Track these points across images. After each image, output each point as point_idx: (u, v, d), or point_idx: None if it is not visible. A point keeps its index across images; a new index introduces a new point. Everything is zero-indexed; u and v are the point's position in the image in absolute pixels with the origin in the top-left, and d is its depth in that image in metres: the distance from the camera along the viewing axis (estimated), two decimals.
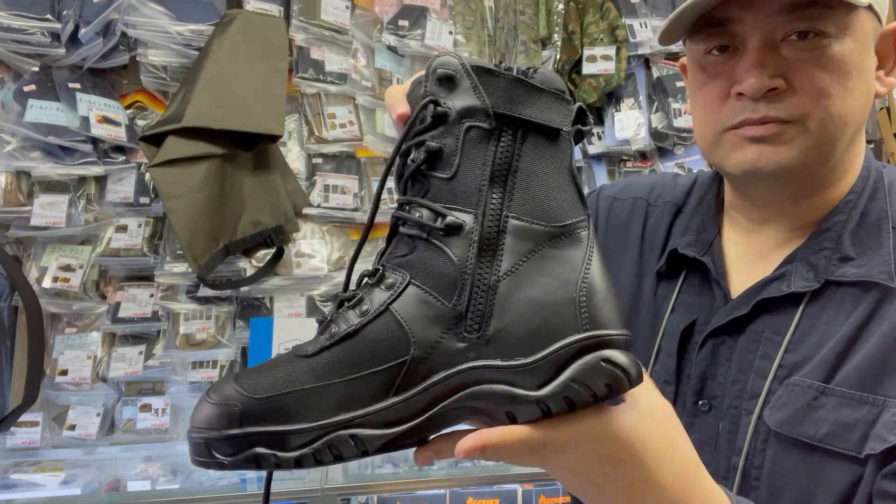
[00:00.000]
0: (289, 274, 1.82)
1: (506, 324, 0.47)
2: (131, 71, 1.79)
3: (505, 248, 0.48)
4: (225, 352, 1.79)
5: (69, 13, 1.63)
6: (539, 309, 0.47)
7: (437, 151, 0.48)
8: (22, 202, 1.68)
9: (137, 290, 1.77)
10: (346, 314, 0.48)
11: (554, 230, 0.49)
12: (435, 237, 0.48)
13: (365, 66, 1.91)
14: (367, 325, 0.47)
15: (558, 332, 0.47)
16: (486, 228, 0.48)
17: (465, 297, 0.47)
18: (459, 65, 0.49)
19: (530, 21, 1.99)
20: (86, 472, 1.67)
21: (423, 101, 0.49)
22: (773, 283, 0.71)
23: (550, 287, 0.48)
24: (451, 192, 0.48)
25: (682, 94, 2.06)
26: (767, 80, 0.66)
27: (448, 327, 0.47)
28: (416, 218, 0.48)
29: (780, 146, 0.67)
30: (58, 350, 1.72)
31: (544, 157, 0.50)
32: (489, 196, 0.48)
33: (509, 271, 0.48)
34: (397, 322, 0.47)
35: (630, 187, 0.92)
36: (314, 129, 1.87)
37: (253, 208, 1.72)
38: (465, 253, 0.47)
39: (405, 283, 0.48)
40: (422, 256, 0.48)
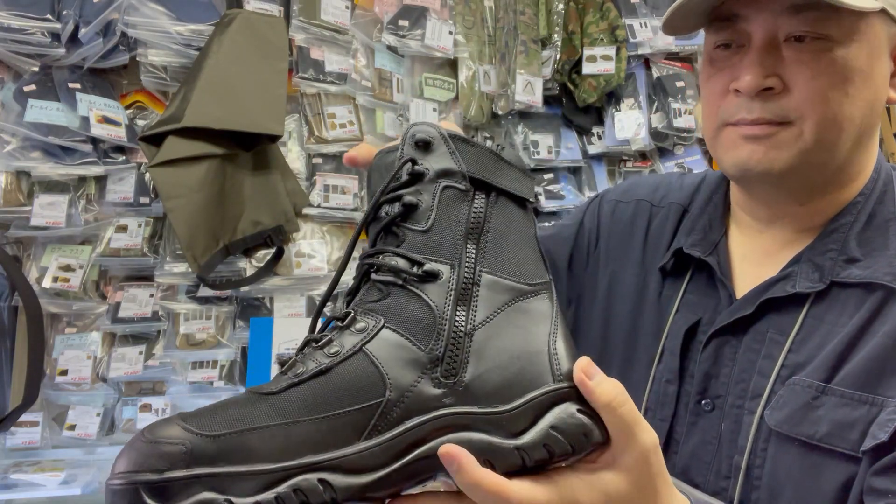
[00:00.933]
0: (289, 274, 1.82)
1: (482, 371, 0.47)
2: (131, 71, 1.79)
3: (479, 299, 0.49)
4: (225, 352, 1.79)
5: (69, 13, 1.63)
6: (514, 358, 0.48)
7: (412, 206, 0.50)
8: (22, 202, 1.68)
9: (137, 290, 1.77)
10: (313, 354, 0.47)
11: (524, 287, 0.50)
12: (411, 284, 0.48)
13: (365, 66, 1.91)
14: (341, 363, 0.46)
15: (534, 380, 0.47)
16: (461, 279, 0.49)
17: (443, 342, 0.47)
18: (437, 133, 0.51)
19: (530, 21, 1.99)
20: (86, 472, 1.67)
21: (403, 160, 0.51)
22: (779, 283, 0.71)
23: (525, 336, 0.49)
24: (427, 245, 0.49)
25: (681, 94, 2.06)
26: (762, 80, 0.66)
27: (424, 371, 0.46)
28: (392, 264, 0.49)
29: (772, 148, 0.67)
30: (58, 350, 1.72)
31: (513, 222, 0.52)
32: (463, 250, 0.49)
33: (485, 321, 0.48)
34: (372, 363, 0.46)
35: (633, 189, 0.92)
36: (314, 129, 1.87)
37: (253, 208, 1.72)
38: (443, 300, 0.48)
39: (379, 326, 0.47)
40: (397, 302, 0.48)
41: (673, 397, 0.75)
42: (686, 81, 2.09)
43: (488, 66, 1.98)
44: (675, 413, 0.75)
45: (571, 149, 2.04)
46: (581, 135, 2.09)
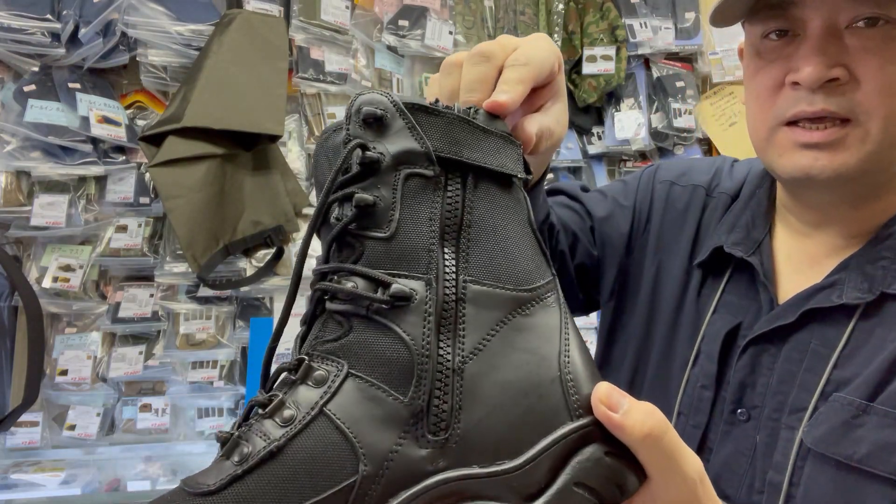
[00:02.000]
0: (289, 274, 1.82)
1: (480, 418, 0.36)
2: (131, 71, 1.79)
3: (466, 320, 0.38)
4: (225, 352, 1.79)
5: (69, 13, 1.63)
6: (519, 394, 0.37)
7: (369, 206, 0.38)
8: (22, 202, 1.68)
9: (137, 290, 1.77)
10: (260, 426, 0.36)
11: (522, 295, 0.40)
12: (378, 313, 0.37)
13: (365, 66, 1.91)
14: (296, 437, 0.35)
15: (547, 422, 0.37)
16: (441, 297, 0.38)
17: (425, 387, 0.36)
18: (390, 102, 0.39)
19: (530, 21, 1.99)
20: (86, 472, 1.67)
21: (350, 146, 0.39)
22: (823, 291, 0.65)
23: (529, 365, 0.38)
24: (393, 255, 0.38)
25: (681, 94, 2.06)
26: (826, 70, 0.59)
27: (406, 429, 0.36)
28: (349, 289, 0.38)
29: (838, 152, 0.61)
30: (58, 350, 1.72)
31: (499, 209, 0.41)
32: (441, 257, 0.38)
33: (475, 349, 0.38)
34: (337, 429, 0.35)
35: (690, 173, 0.85)
36: (314, 129, 1.87)
37: (253, 208, 1.72)
38: (420, 330, 0.37)
39: (343, 375, 0.37)
40: (362, 339, 0.37)
41: (708, 403, 0.70)
42: (686, 81, 2.09)
43: None
44: (709, 420, 0.70)
45: (571, 149, 2.04)
46: (581, 135, 2.09)
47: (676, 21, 2.09)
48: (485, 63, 0.46)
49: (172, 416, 1.79)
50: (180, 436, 1.81)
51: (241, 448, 0.35)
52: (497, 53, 0.46)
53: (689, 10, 2.10)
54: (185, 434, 1.81)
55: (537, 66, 0.48)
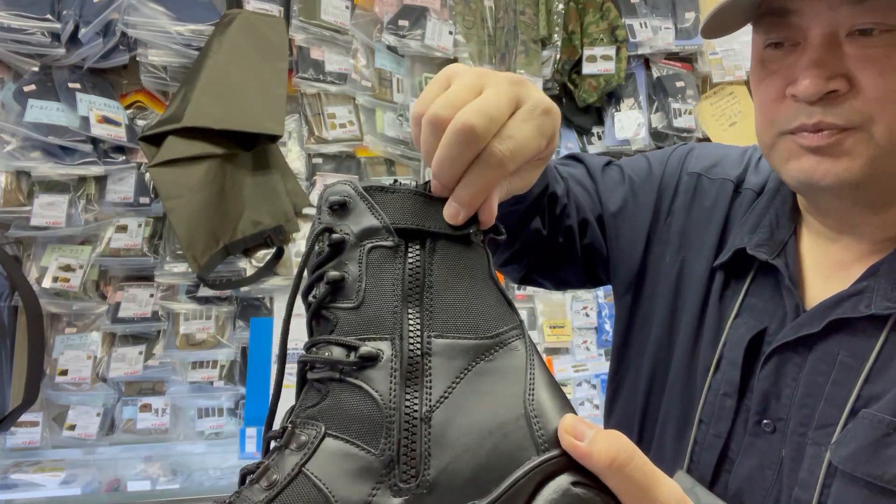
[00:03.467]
0: (289, 274, 1.82)
1: (449, 461, 0.38)
2: (131, 71, 1.79)
3: (433, 371, 0.40)
4: (225, 352, 1.79)
5: (69, 13, 1.63)
6: (484, 434, 0.39)
7: (339, 281, 0.42)
8: (22, 202, 1.68)
9: (137, 290, 1.77)
10: (249, 492, 0.39)
11: (485, 342, 0.42)
12: (349, 374, 0.40)
13: (365, 66, 1.91)
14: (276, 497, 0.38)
15: (514, 458, 0.38)
16: (406, 353, 0.40)
17: (395, 438, 0.38)
18: (352, 189, 0.44)
19: (530, 21, 1.99)
20: (86, 472, 1.67)
21: (316, 231, 0.44)
22: (851, 299, 0.62)
23: (494, 404, 0.40)
24: (361, 322, 0.42)
25: (681, 94, 2.06)
26: (824, 83, 0.58)
27: (379, 480, 0.38)
28: (323, 357, 0.41)
29: (840, 157, 0.59)
30: (58, 350, 1.72)
31: (459, 267, 0.44)
32: (404, 318, 0.41)
33: (441, 398, 0.40)
34: (315, 487, 0.37)
35: (721, 164, 0.81)
36: (314, 129, 1.87)
37: (253, 208, 1.72)
38: (387, 385, 0.40)
39: (320, 437, 0.39)
40: (336, 400, 0.40)
41: (731, 412, 0.68)
42: (686, 81, 2.09)
43: (488, 66, 1.98)
44: (731, 429, 0.68)
45: (571, 149, 2.04)
46: (581, 135, 2.09)
47: (676, 21, 2.09)
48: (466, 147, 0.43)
49: (172, 416, 1.79)
50: (180, 436, 1.81)
51: None
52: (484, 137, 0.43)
53: (689, 10, 2.10)
54: (185, 434, 1.81)
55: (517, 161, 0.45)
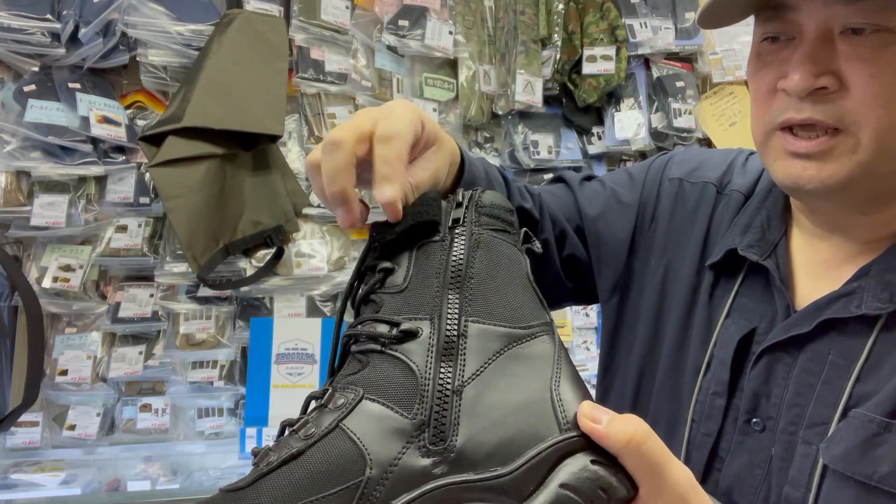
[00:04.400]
0: (289, 274, 1.82)
1: (476, 432, 0.41)
2: (131, 71, 1.79)
3: (467, 351, 0.44)
4: (225, 352, 1.79)
5: (69, 13, 1.63)
6: (512, 411, 0.42)
7: (389, 270, 0.48)
8: (22, 202, 1.68)
9: (137, 290, 1.77)
10: (287, 441, 0.43)
11: (518, 331, 0.45)
12: (390, 347, 0.44)
13: (365, 66, 1.91)
14: (313, 445, 0.41)
15: (537, 435, 0.41)
16: (443, 332, 0.44)
17: (427, 405, 0.42)
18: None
19: (530, 21, 1.99)
20: (86, 472, 1.67)
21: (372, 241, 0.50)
22: (842, 300, 0.63)
23: (523, 386, 0.43)
24: (405, 304, 0.46)
25: (681, 94, 2.06)
26: (813, 80, 0.58)
27: (409, 440, 0.41)
28: (369, 331, 0.45)
29: (826, 163, 0.60)
30: (58, 350, 1.72)
31: (499, 265, 0.48)
32: (444, 302, 0.45)
33: (474, 374, 0.43)
34: (349, 439, 0.41)
35: (702, 168, 0.82)
36: (314, 129, 1.87)
37: (253, 208, 1.72)
38: (424, 358, 0.43)
39: (358, 399, 0.43)
40: (376, 369, 0.44)
41: (720, 411, 0.68)
42: (686, 81, 2.09)
43: (488, 66, 1.98)
44: (721, 428, 0.68)
45: (571, 149, 2.04)
46: (581, 135, 2.09)
47: (676, 21, 2.09)
48: (336, 151, 0.48)
49: (172, 416, 1.79)
50: (180, 436, 1.81)
51: (268, 456, 0.42)
52: (347, 139, 0.49)
53: (689, 10, 2.10)
54: (185, 434, 1.81)
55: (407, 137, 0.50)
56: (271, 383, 1.73)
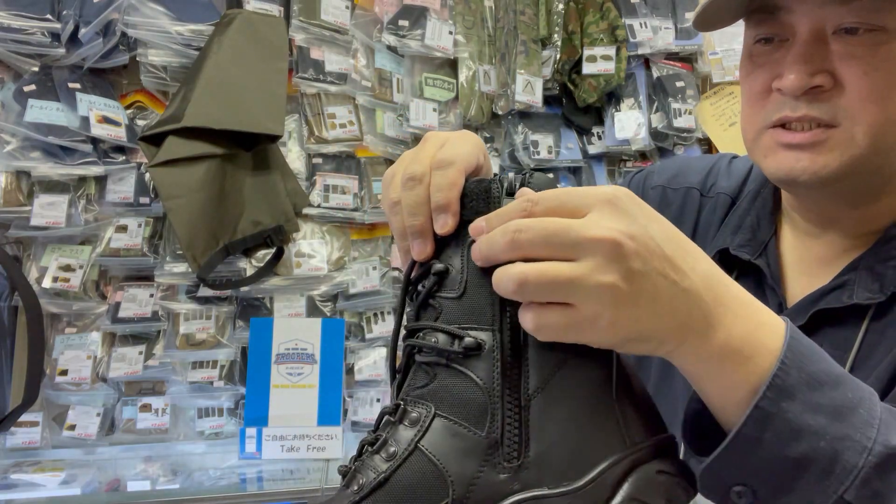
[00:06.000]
0: (289, 274, 1.82)
1: (546, 446, 0.43)
2: (131, 71, 1.79)
3: (530, 362, 0.44)
4: (225, 352, 1.79)
5: (69, 13, 1.63)
6: (579, 425, 0.44)
7: (443, 273, 0.47)
8: (22, 202, 1.68)
9: (137, 290, 1.77)
10: (371, 460, 0.44)
11: None
12: (455, 361, 0.45)
13: (365, 66, 1.91)
14: (398, 469, 0.43)
15: (604, 449, 0.43)
16: (506, 344, 0.45)
17: (499, 423, 0.43)
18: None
19: (530, 21, 1.99)
20: (86, 472, 1.67)
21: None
22: (833, 292, 0.64)
23: (586, 399, 0.44)
24: (464, 311, 0.46)
25: (681, 94, 2.06)
26: (808, 79, 0.60)
27: (485, 458, 0.43)
28: (431, 343, 0.46)
29: (820, 154, 0.61)
30: (58, 350, 1.72)
31: None
32: (504, 310, 0.45)
33: (539, 387, 0.44)
34: (430, 461, 0.43)
35: (683, 173, 0.84)
36: (314, 129, 1.87)
37: (253, 208, 1.72)
38: (490, 374, 0.44)
39: (431, 416, 0.44)
40: (444, 384, 0.45)
41: None
42: (686, 81, 2.09)
43: (488, 66, 1.98)
44: None
45: (571, 149, 2.04)
46: (581, 135, 2.09)
47: (676, 21, 2.09)
48: (417, 186, 0.49)
49: (172, 416, 1.79)
50: (180, 436, 1.81)
51: (357, 479, 0.44)
52: (425, 173, 0.49)
53: (689, 10, 2.10)
54: (185, 434, 1.81)
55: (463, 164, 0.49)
56: (271, 383, 1.73)
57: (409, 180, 0.49)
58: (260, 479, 1.64)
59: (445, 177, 0.48)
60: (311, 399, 1.73)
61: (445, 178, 0.48)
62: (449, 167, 0.48)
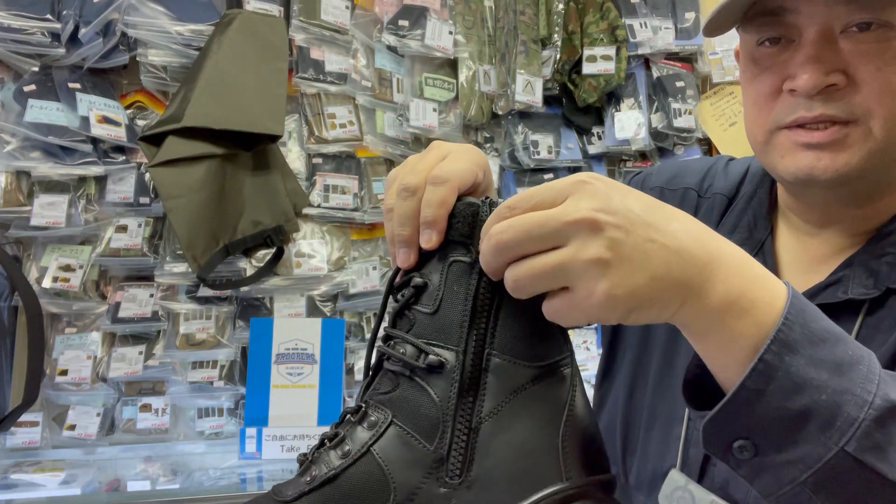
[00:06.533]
0: (289, 274, 1.82)
1: (488, 469, 0.45)
2: (131, 71, 1.79)
3: (487, 387, 0.46)
4: (225, 352, 1.79)
5: (69, 13, 1.63)
6: (521, 455, 0.45)
7: (422, 286, 0.48)
8: (22, 202, 1.68)
9: (137, 290, 1.77)
10: (327, 454, 0.47)
11: (537, 370, 0.47)
12: (417, 375, 0.47)
13: (365, 66, 1.91)
14: (348, 468, 0.45)
15: (540, 480, 0.45)
16: (467, 367, 0.46)
17: (447, 440, 0.45)
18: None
19: (530, 21, 1.99)
20: (86, 472, 1.67)
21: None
22: (829, 288, 0.65)
23: (532, 431, 0.46)
24: (434, 328, 0.47)
25: (681, 94, 2.06)
26: (823, 77, 0.60)
27: (429, 471, 0.45)
28: (399, 354, 0.47)
29: (840, 152, 0.61)
30: (58, 350, 1.72)
31: (528, 298, 0.48)
32: (471, 332, 0.47)
33: (492, 412, 0.46)
34: (378, 465, 0.45)
35: (680, 175, 0.85)
36: (314, 129, 1.87)
37: (253, 208, 1.72)
38: (447, 393, 0.46)
39: (387, 423, 0.46)
40: (404, 395, 0.47)
41: None
42: (686, 81, 2.09)
43: (488, 66, 1.98)
44: None
45: (571, 149, 2.04)
46: (581, 135, 2.09)
47: (676, 21, 2.09)
48: (410, 198, 0.49)
49: (172, 416, 1.79)
50: (180, 436, 1.81)
51: (311, 470, 0.46)
52: (420, 187, 0.50)
53: (689, 10, 2.10)
54: (185, 434, 1.81)
55: (457, 182, 0.49)
56: (271, 383, 1.73)
57: (404, 190, 0.50)
58: (260, 479, 1.64)
59: (436, 193, 0.48)
60: (311, 399, 1.73)
61: (436, 194, 0.48)
62: (442, 184, 0.49)
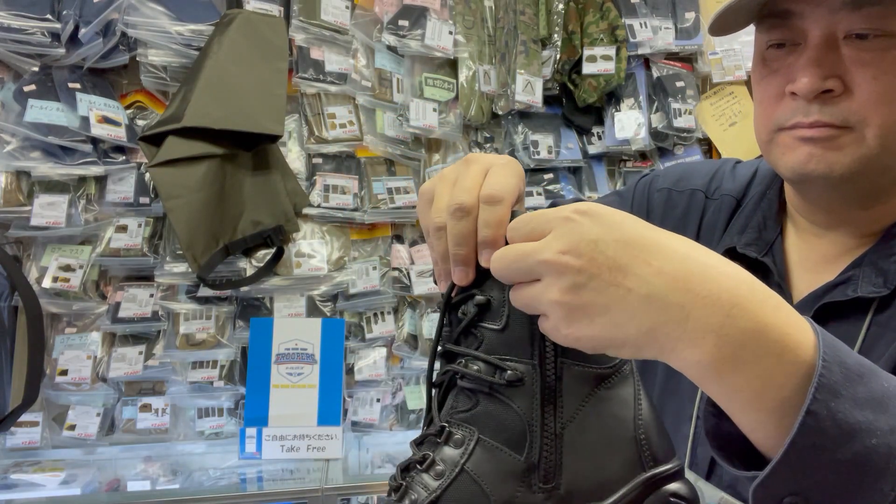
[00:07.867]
0: (289, 274, 1.82)
1: (577, 470, 0.48)
2: (131, 71, 1.79)
3: (564, 394, 0.49)
4: (225, 352, 1.79)
5: (69, 13, 1.63)
6: (605, 452, 0.48)
7: (485, 304, 0.49)
8: (22, 202, 1.68)
9: (137, 290, 1.77)
10: (420, 478, 0.48)
11: (605, 371, 0.50)
12: (497, 391, 0.49)
13: (365, 66, 1.91)
14: (448, 488, 0.47)
15: (626, 472, 0.48)
16: (545, 378, 0.48)
17: (536, 449, 0.47)
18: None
19: (530, 21, 1.99)
20: (86, 472, 1.67)
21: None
22: (839, 287, 0.66)
23: (611, 429, 0.49)
24: (505, 344, 0.49)
25: (681, 94, 2.06)
26: (821, 82, 0.62)
27: (523, 480, 0.47)
28: (475, 373, 0.49)
29: (832, 150, 0.63)
30: (58, 350, 1.72)
31: None
32: (543, 344, 0.48)
33: (572, 417, 0.49)
34: (475, 482, 0.47)
35: (687, 177, 0.86)
36: (314, 129, 1.87)
37: (253, 208, 1.72)
38: (529, 404, 0.48)
39: (474, 440, 0.48)
40: (486, 410, 0.49)
41: None
42: (686, 81, 2.09)
43: (488, 66, 1.98)
44: None
45: (571, 149, 2.04)
46: (581, 135, 2.09)
47: (676, 21, 2.09)
48: (465, 218, 0.50)
49: (172, 416, 1.79)
50: (180, 436, 1.81)
51: (409, 495, 0.48)
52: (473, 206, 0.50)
53: (689, 10, 2.10)
54: (185, 434, 1.81)
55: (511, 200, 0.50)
56: (271, 383, 1.73)
57: (458, 210, 0.49)
58: (260, 479, 1.64)
59: (495, 214, 0.49)
60: (311, 399, 1.73)
61: (495, 214, 0.49)
62: (498, 204, 0.49)
